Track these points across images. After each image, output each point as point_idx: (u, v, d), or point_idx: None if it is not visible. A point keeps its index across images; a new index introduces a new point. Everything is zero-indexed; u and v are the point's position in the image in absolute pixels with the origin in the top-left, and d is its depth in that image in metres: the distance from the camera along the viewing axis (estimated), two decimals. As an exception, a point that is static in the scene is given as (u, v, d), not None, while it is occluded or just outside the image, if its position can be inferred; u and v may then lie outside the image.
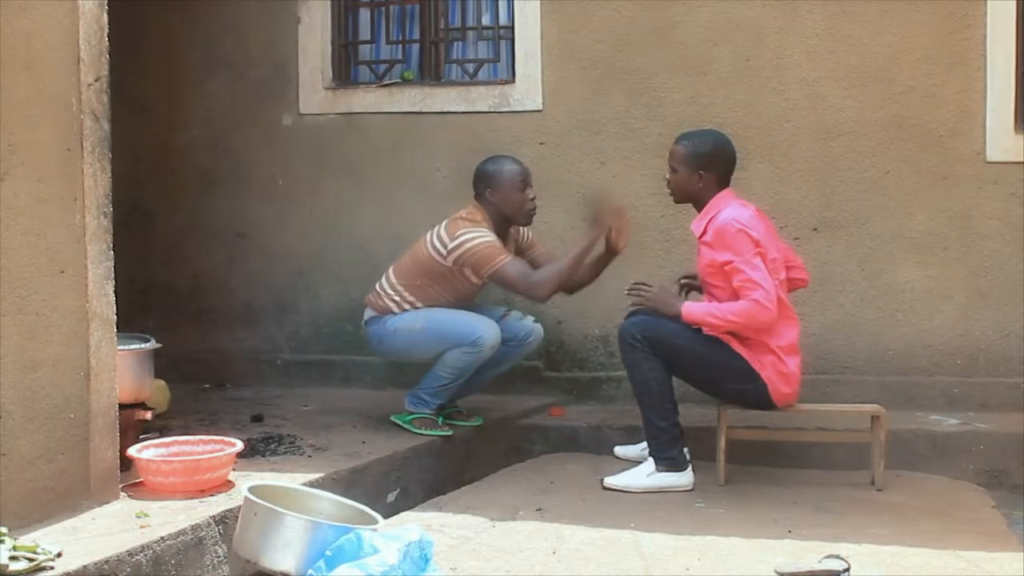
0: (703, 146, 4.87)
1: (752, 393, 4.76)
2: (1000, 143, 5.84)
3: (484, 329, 5.15)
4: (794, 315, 4.86)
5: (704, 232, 4.81)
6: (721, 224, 4.73)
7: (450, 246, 5.15)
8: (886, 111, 5.93)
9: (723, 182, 4.89)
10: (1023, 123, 5.87)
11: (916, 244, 5.94)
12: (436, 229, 5.28)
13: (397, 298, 5.31)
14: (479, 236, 5.14)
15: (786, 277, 4.86)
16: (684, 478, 4.77)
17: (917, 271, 5.94)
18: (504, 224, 5.30)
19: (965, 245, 5.90)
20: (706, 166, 4.85)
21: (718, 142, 4.92)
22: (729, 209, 4.79)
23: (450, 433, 5.26)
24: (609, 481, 4.77)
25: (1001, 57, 5.82)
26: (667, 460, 4.77)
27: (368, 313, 5.42)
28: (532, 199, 5.31)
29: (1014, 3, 5.82)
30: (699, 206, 4.90)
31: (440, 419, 5.32)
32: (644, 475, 4.77)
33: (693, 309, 4.74)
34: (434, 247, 5.22)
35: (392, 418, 5.33)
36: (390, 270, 5.40)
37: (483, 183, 5.30)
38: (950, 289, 5.92)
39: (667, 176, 4.96)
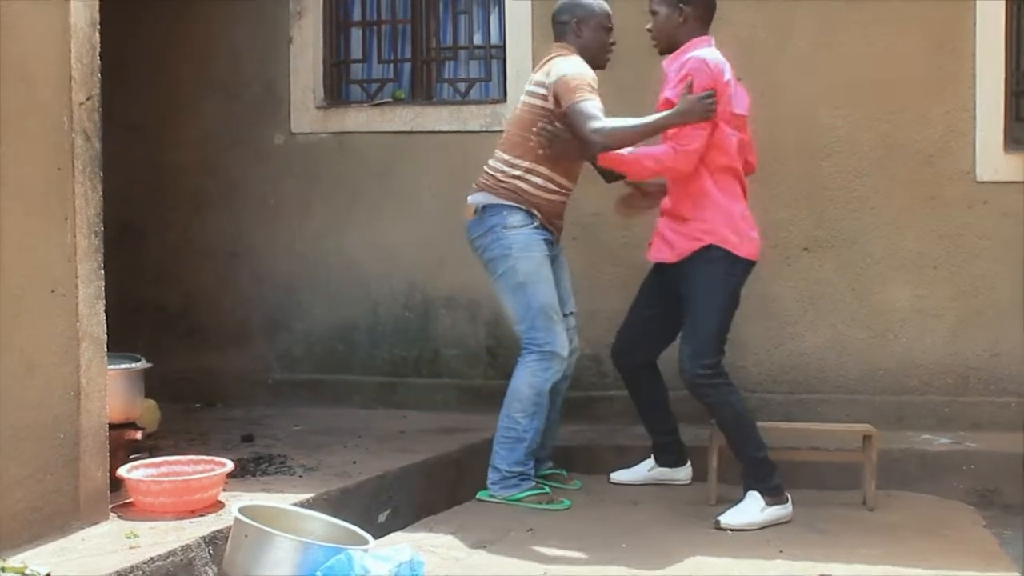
0: None
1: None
2: (990, 163, 5.86)
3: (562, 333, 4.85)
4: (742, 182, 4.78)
5: (675, 73, 4.66)
6: (690, 59, 4.59)
7: (551, 79, 4.72)
8: (876, 131, 5.94)
9: (704, 24, 4.74)
10: (1012, 143, 5.89)
11: (906, 264, 5.95)
12: (531, 78, 4.91)
13: (506, 168, 4.83)
14: (580, 66, 4.73)
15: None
16: (788, 508, 4.62)
17: (907, 291, 5.95)
18: None
19: (955, 264, 5.92)
20: (687, 0, 4.69)
21: None
22: (705, 49, 4.65)
23: (569, 505, 4.83)
24: (726, 522, 4.49)
25: (990, 77, 5.84)
26: (773, 490, 4.58)
27: (484, 198, 4.88)
28: (613, 43, 4.96)
29: (1003, 24, 5.85)
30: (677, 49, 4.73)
31: (547, 488, 4.93)
32: (758, 511, 4.53)
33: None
34: (534, 93, 4.80)
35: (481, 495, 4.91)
36: (496, 150, 4.97)
37: (573, 16, 4.86)
38: (940, 308, 5.93)
39: (648, 27, 4.76)
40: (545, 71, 4.79)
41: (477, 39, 6.60)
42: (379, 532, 4.36)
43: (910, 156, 5.92)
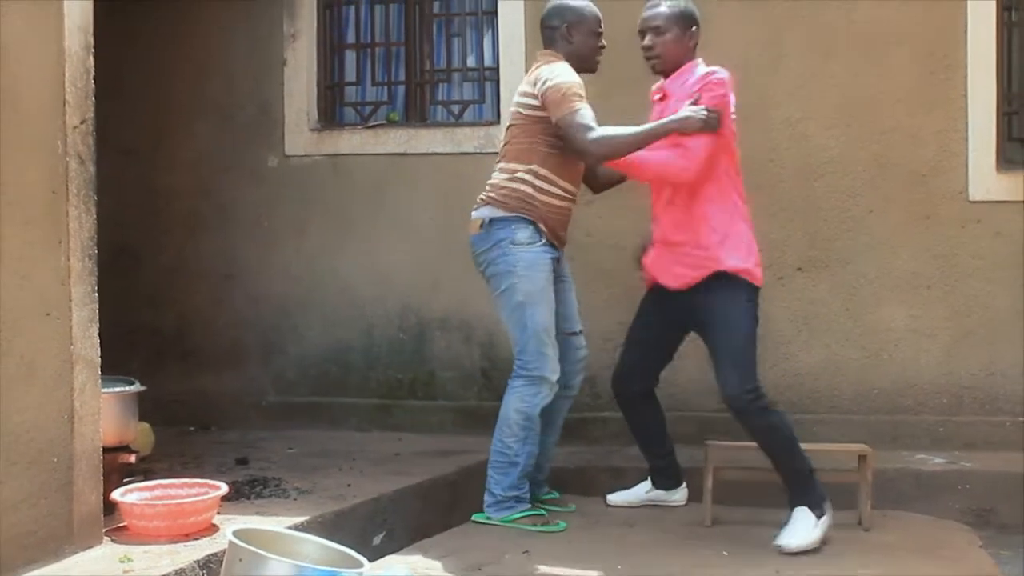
0: (687, 3, 4.70)
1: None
2: (982, 183, 5.89)
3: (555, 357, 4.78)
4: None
5: (686, 87, 4.63)
6: (713, 73, 4.60)
7: (539, 87, 4.66)
8: (869, 151, 5.97)
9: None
10: (1005, 163, 5.92)
11: (900, 283, 5.96)
12: (518, 89, 4.84)
13: (508, 177, 4.78)
14: (567, 73, 4.66)
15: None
16: (831, 513, 4.57)
17: (901, 310, 5.96)
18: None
19: (949, 284, 5.93)
20: (694, 23, 4.69)
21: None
22: (720, 70, 4.65)
23: (564, 527, 4.79)
24: (789, 545, 4.42)
25: (982, 97, 5.87)
26: (819, 501, 4.55)
27: (490, 211, 4.81)
28: (603, 46, 4.88)
29: (994, 44, 5.88)
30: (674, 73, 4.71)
31: (543, 510, 4.91)
32: (813, 527, 4.48)
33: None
34: (525, 104, 4.73)
35: (475, 518, 4.89)
36: (496, 165, 4.91)
37: (562, 20, 4.79)
38: (934, 328, 5.94)
39: (649, 43, 4.66)
40: (531, 80, 4.75)
41: (471, 61, 6.62)
42: (374, 555, 4.34)
43: (903, 176, 5.94)
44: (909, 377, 5.95)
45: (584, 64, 4.83)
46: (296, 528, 4.15)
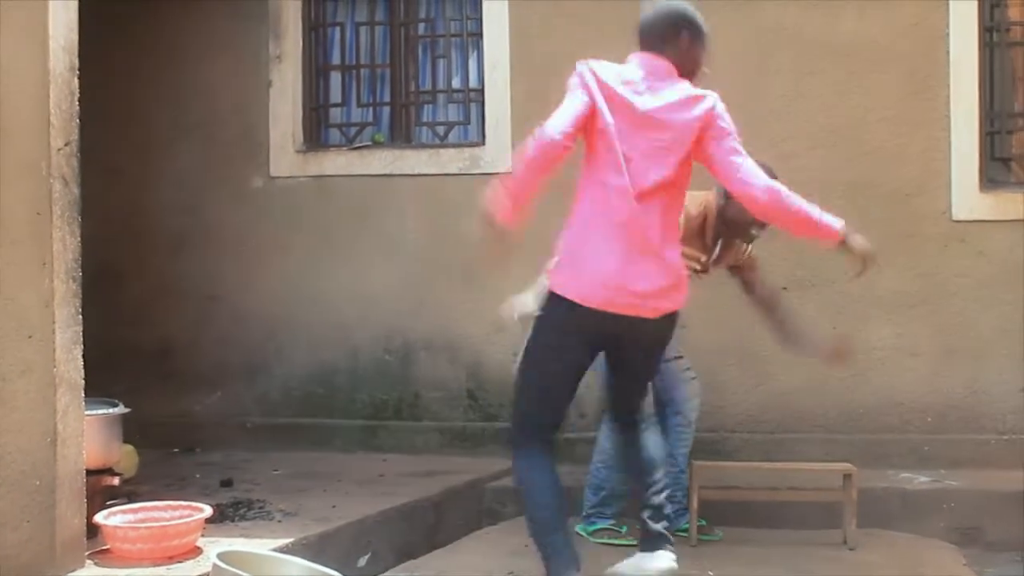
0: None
1: None
2: (965, 202, 5.92)
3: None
4: None
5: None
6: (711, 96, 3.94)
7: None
8: (853, 171, 5.99)
9: None
10: (988, 182, 5.95)
11: (884, 302, 5.98)
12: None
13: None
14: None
15: None
16: None
17: (886, 329, 5.98)
18: None
19: (933, 303, 5.95)
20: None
21: None
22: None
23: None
24: None
25: (964, 117, 5.91)
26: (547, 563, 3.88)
27: None
28: None
29: (976, 64, 5.92)
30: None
31: (624, 528, 4.92)
32: None
33: None
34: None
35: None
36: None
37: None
38: (919, 347, 5.96)
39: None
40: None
41: (456, 83, 6.63)
42: (359, 577, 4.34)
43: (886, 195, 5.97)
44: (894, 396, 5.96)
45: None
46: (281, 550, 4.13)
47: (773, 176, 4.12)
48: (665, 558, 3.85)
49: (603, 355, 3.98)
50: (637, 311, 3.75)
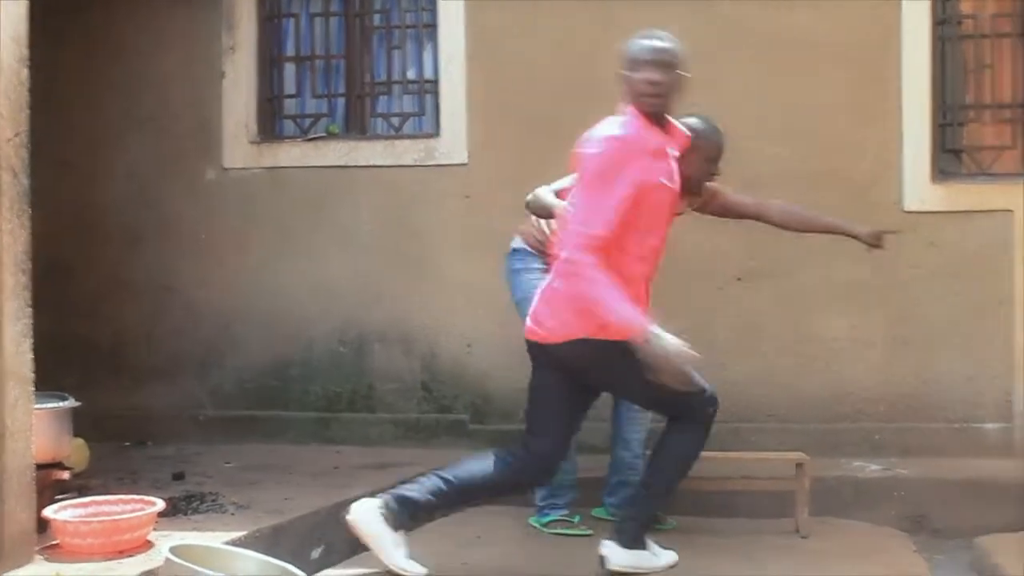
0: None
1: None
2: (917, 193, 5.98)
3: None
4: None
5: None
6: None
7: None
8: (810, 164, 6.03)
9: None
10: (939, 173, 6.01)
11: (837, 292, 6.03)
12: None
13: None
14: None
15: None
16: None
17: (840, 319, 6.03)
18: None
19: (885, 293, 6.01)
20: None
21: None
22: None
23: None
24: None
25: (917, 109, 5.98)
26: None
27: None
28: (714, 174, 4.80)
29: (928, 57, 5.98)
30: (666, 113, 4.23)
31: (576, 518, 5.03)
32: None
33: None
34: None
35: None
36: None
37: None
38: (871, 336, 6.02)
39: (659, 79, 4.19)
40: None
41: (411, 74, 6.62)
42: (312, 569, 4.33)
43: (843, 187, 6.00)
44: (846, 385, 6.02)
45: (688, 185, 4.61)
46: (234, 543, 4.11)
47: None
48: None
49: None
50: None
